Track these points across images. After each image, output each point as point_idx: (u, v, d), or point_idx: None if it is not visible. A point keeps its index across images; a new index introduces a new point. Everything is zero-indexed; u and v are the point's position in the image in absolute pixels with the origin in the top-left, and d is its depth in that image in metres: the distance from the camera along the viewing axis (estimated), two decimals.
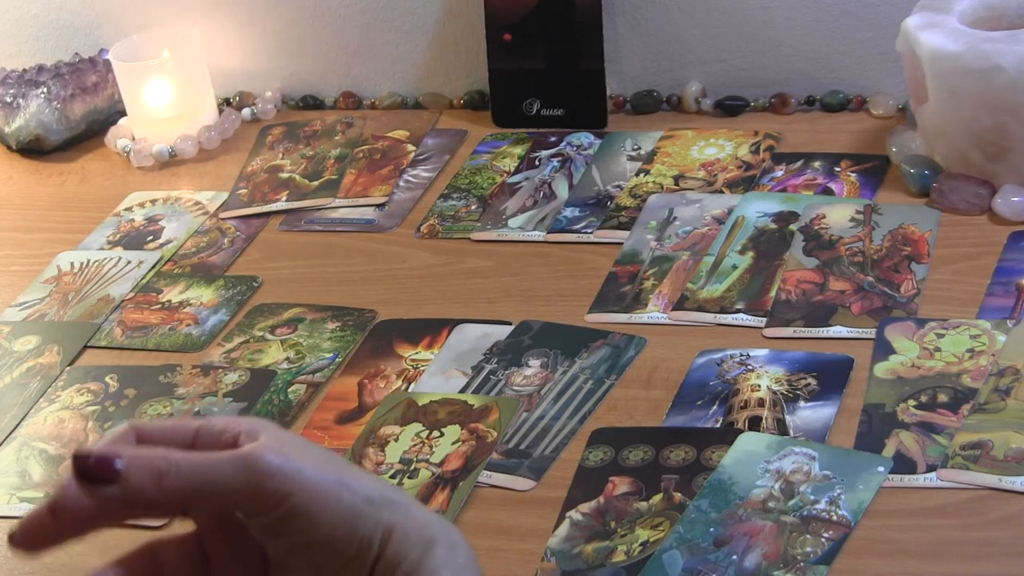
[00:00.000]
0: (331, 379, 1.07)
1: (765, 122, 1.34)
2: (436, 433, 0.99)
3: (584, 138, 1.34)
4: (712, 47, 1.37)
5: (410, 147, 1.37)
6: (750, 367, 1.01)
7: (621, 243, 1.18)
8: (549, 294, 1.14)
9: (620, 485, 0.93)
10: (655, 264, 1.15)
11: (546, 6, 1.36)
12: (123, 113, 1.46)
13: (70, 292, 1.22)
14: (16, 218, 1.36)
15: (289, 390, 1.06)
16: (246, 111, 1.48)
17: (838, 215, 1.16)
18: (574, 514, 0.91)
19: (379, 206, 1.29)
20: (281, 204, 1.31)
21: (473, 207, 1.27)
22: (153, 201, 1.35)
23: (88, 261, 1.26)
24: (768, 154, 1.28)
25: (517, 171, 1.31)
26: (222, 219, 1.31)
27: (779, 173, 1.25)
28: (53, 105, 1.44)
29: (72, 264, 1.26)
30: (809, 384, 0.99)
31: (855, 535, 0.86)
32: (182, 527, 0.62)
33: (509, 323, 1.10)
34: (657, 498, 0.91)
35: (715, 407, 0.98)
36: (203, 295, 1.19)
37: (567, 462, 0.96)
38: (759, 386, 0.99)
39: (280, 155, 1.39)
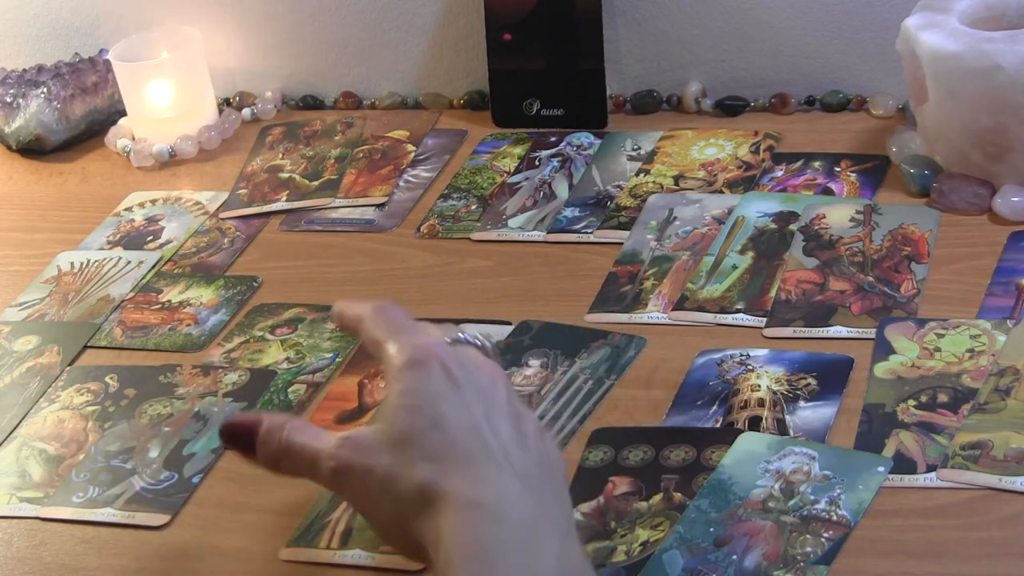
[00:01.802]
0: (331, 379, 1.07)
1: (765, 122, 1.34)
2: None
3: (584, 138, 1.34)
4: (712, 47, 1.37)
5: (410, 147, 1.37)
6: (750, 367, 1.01)
7: (621, 243, 1.18)
8: (549, 294, 1.14)
9: (620, 485, 0.93)
10: (655, 264, 1.15)
11: (546, 6, 1.35)
12: (123, 113, 1.46)
13: (70, 292, 1.22)
14: (16, 218, 1.36)
15: (289, 390, 1.06)
16: (246, 111, 1.48)
17: (838, 215, 1.16)
18: (574, 514, 0.91)
19: (379, 206, 1.29)
20: (281, 204, 1.31)
21: (473, 207, 1.27)
22: (153, 201, 1.35)
23: (88, 261, 1.26)
24: (768, 154, 1.28)
25: (517, 171, 1.31)
26: (222, 219, 1.31)
27: (779, 173, 1.25)
28: (53, 105, 1.44)
29: (72, 264, 1.26)
30: (809, 384, 0.99)
31: (855, 535, 0.86)
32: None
33: (509, 323, 1.10)
34: (657, 498, 0.91)
35: (715, 407, 0.98)
36: (203, 295, 1.19)
37: (567, 462, 0.95)
38: (759, 386, 0.99)
39: (280, 155, 1.39)
